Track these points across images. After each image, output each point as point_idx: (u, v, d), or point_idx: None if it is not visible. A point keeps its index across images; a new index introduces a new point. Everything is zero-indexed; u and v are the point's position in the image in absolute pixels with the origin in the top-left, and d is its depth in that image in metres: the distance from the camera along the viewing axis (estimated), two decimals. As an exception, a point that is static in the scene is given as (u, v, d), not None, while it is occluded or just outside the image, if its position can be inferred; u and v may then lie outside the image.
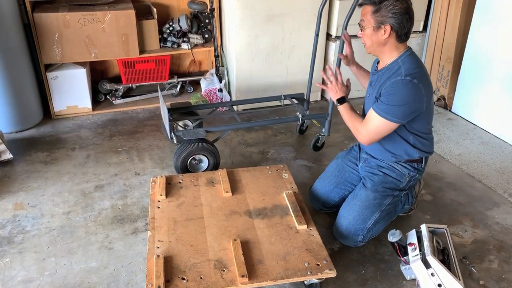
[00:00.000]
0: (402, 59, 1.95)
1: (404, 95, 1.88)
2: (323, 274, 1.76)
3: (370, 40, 1.95)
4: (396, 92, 1.88)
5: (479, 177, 2.73)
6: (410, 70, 1.90)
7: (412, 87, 1.87)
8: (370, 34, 1.93)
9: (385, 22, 1.88)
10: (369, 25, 1.91)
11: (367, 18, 1.92)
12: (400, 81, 1.88)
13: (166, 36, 3.61)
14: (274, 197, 2.18)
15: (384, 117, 1.92)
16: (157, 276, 1.67)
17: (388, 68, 1.98)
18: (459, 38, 3.45)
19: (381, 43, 1.94)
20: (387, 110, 1.91)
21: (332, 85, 2.15)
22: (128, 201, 2.47)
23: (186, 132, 2.56)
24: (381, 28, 1.89)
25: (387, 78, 1.95)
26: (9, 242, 2.16)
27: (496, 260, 2.11)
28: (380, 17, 1.88)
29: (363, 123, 2.02)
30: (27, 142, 3.07)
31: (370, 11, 1.89)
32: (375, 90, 2.03)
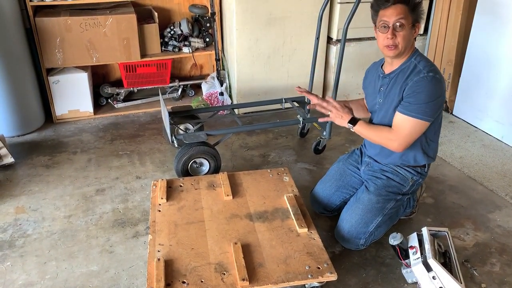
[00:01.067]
0: (416, 57, 1.94)
1: (431, 91, 1.86)
2: (324, 278, 1.75)
3: (407, 39, 1.88)
4: (423, 90, 1.85)
5: (480, 180, 2.73)
6: (429, 66, 1.89)
7: (437, 82, 1.86)
8: (408, 34, 1.87)
9: (419, 20, 1.88)
10: (408, 23, 1.86)
11: (406, 16, 1.84)
12: (424, 78, 1.86)
13: (167, 40, 3.62)
14: (275, 200, 2.17)
15: (417, 117, 1.88)
16: (158, 279, 1.67)
17: (402, 69, 1.96)
18: (460, 41, 3.45)
19: (411, 42, 1.92)
20: (418, 110, 1.87)
21: (333, 114, 2.08)
22: (129, 205, 2.47)
23: (187, 136, 2.57)
24: (415, 26, 1.89)
25: (405, 78, 1.92)
26: (10, 246, 2.17)
27: (498, 263, 2.10)
28: (416, 15, 1.87)
29: (393, 131, 1.95)
30: (29, 146, 3.08)
31: (407, 10, 1.84)
32: (388, 94, 2.00)
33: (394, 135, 1.95)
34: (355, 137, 3.18)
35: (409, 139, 1.94)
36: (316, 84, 3.56)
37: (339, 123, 2.07)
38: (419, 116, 1.88)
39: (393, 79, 1.99)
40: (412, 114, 1.89)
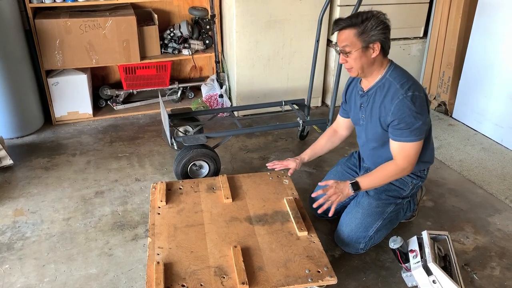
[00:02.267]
0: (390, 73, 1.92)
1: (416, 111, 1.84)
2: (324, 281, 1.75)
3: (360, 63, 1.88)
4: (408, 113, 1.84)
5: (480, 183, 2.72)
6: (405, 84, 1.87)
7: (417, 100, 1.85)
8: (359, 56, 1.86)
9: (374, 40, 1.83)
10: (355, 48, 1.85)
11: (351, 41, 1.84)
12: (404, 99, 1.84)
13: (167, 42, 3.62)
14: (274, 203, 2.17)
15: (413, 141, 1.88)
16: (157, 283, 1.66)
17: (378, 87, 1.95)
18: (459, 44, 3.46)
19: (370, 62, 1.89)
20: (412, 134, 1.87)
21: (335, 197, 1.97)
22: (128, 207, 2.47)
23: (187, 138, 2.56)
24: (370, 48, 1.85)
25: (383, 97, 1.92)
26: (9, 249, 2.16)
27: (498, 267, 2.10)
28: (368, 37, 1.83)
29: (398, 162, 1.92)
30: (28, 148, 3.07)
31: (354, 33, 1.83)
32: (370, 111, 2.00)
33: (401, 165, 1.93)
34: (354, 140, 3.15)
35: (414, 160, 1.94)
36: (315, 87, 3.56)
37: (341, 199, 1.97)
38: (415, 138, 1.88)
39: (372, 97, 1.98)
40: (408, 139, 1.88)
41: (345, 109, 2.25)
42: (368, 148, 2.13)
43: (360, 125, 2.11)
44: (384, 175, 1.96)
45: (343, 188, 1.96)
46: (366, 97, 2.01)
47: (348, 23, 1.85)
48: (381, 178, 1.97)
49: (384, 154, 2.04)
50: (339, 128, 2.33)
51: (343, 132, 2.32)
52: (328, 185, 2.01)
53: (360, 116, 2.08)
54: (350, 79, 2.20)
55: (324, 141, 2.35)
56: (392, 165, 1.94)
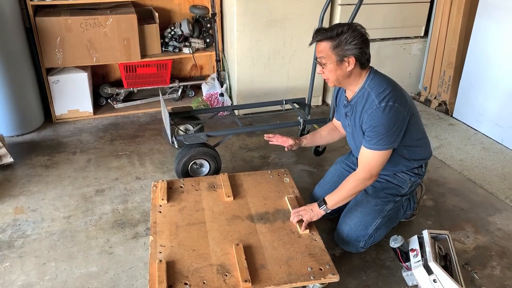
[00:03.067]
0: (368, 83, 1.92)
1: (387, 121, 1.84)
2: (326, 279, 1.76)
3: (335, 75, 1.89)
4: (379, 122, 1.85)
5: (480, 183, 2.72)
6: (381, 94, 1.86)
7: (390, 111, 1.84)
8: (334, 69, 1.87)
9: (348, 54, 1.83)
10: (330, 61, 1.85)
11: (327, 54, 1.85)
12: (376, 109, 1.85)
13: (167, 40, 3.62)
14: (276, 202, 2.17)
15: (380, 149, 1.89)
16: (160, 281, 1.66)
17: (358, 97, 1.96)
18: (460, 43, 3.46)
19: (346, 75, 1.89)
20: (380, 143, 1.88)
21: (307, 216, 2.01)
22: (129, 206, 2.47)
23: (188, 137, 2.56)
24: (345, 61, 1.85)
25: (362, 107, 1.93)
26: (9, 246, 2.16)
27: (498, 266, 2.10)
28: (342, 51, 1.83)
29: (358, 171, 1.95)
30: (28, 146, 3.07)
31: (329, 46, 1.84)
32: (354, 120, 2.01)
33: (360, 176, 1.94)
34: (355, 139, 3.18)
35: (375, 170, 1.94)
36: (316, 86, 3.56)
37: (316, 216, 2.01)
38: (383, 147, 1.89)
39: (354, 107, 1.99)
40: (375, 147, 1.89)
41: (338, 112, 2.28)
42: (357, 153, 2.14)
43: (348, 132, 2.15)
44: (346, 190, 1.97)
45: (312, 206, 2.02)
46: (350, 107, 2.02)
47: (324, 36, 1.85)
48: (344, 193, 1.98)
49: None
50: (338, 126, 2.34)
51: (342, 130, 2.32)
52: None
53: (347, 124, 2.11)
54: (337, 87, 2.21)
55: (325, 133, 2.36)
56: (352, 179, 1.96)
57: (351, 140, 2.16)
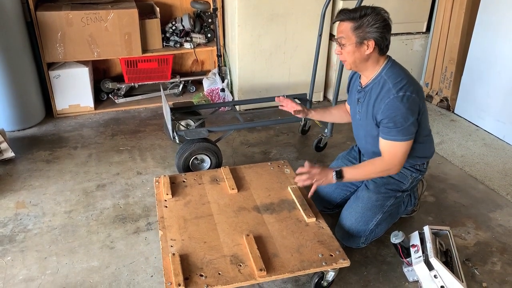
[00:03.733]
0: (385, 71, 1.91)
1: (405, 111, 1.83)
2: (338, 264, 1.78)
3: (352, 57, 1.88)
4: (398, 113, 1.83)
5: (482, 179, 2.72)
6: (398, 83, 1.85)
7: (408, 100, 1.83)
8: (352, 51, 1.86)
9: (369, 37, 1.82)
10: (350, 42, 1.84)
11: (347, 35, 1.84)
12: (394, 98, 1.83)
13: (168, 35, 3.61)
14: (279, 192, 2.19)
15: (402, 140, 1.87)
16: (176, 274, 1.67)
17: (374, 83, 1.94)
18: (462, 39, 3.44)
19: (364, 58, 1.88)
20: (400, 133, 1.86)
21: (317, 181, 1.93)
22: (130, 200, 2.47)
23: (189, 132, 2.56)
24: (364, 44, 1.84)
25: (377, 94, 1.91)
26: (10, 241, 2.16)
27: (499, 262, 2.10)
28: (363, 33, 1.82)
29: (385, 159, 1.91)
30: (29, 141, 3.07)
31: (350, 27, 1.83)
32: (366, 107, 1.99)
33: (387, 163, 1.92)
34: (356, 135, 3.17)
35: (402, 160, 1.93)
36: (317, 82, 3.55)
37: (327, 183, 1.96)
38: (404, 138, 1.87)
39: (368, 94, 1.98)
40: (396, 139, 1.88)
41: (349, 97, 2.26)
42: (365, 143, 2.13)
43: (356, 119, 2.12)
44: (370, 170, 1.96)
45: (328, 173, 1.94)
46: (363, 93, 2.00)
47: (346, 16, 1.84)
48: (366, 172, 1.97)
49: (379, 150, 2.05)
50: (349, 111, 2.32)
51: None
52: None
53: (357, 111, 2.08)
54: (352, 72, 2.20)
55: (335, 111, 2.36)
56: (380, 161, 1.94)
57: (358, 130, 2.13)
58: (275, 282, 1.94)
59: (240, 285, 1.70)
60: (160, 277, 1.95)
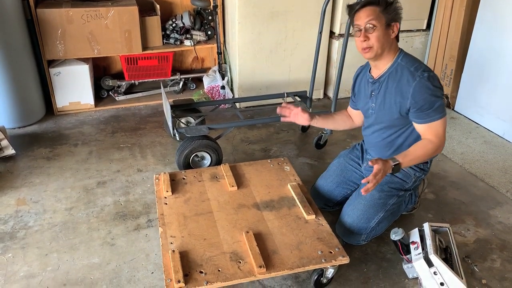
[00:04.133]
0: (401, 58, 1.92)
1: (434, 89, 1.84)
2: (337, 261, 1.79)
3: (381, 41, 1.85)
4: (428, 92, 1.84)
5: (482, 176, 2.73)
6: (418, 67, 1.88)
7: (433, 78, 1.85)
8: (382, 35, 1.84)
9: (396, 20, 1.84)
10: (380, 24, 1.83)
11: (377, 17, 1.82)
12: (421, 80, 1.84)
13: (169, 32, 3.61)
14: (279, 190, 2.19)
15: (440, 118, 1.87)
16: (175, 270, 1.68)
17: (390, 73, 1.94)
18: (462, 37, 3.44)
19: (389, 43, 1.88)
20: (436, 112, 1.85)
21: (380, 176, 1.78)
22: (130, 198, 2.47)
23: (189, 129, 2.56)
24: (391, 27, 1.85)
25: (398, 80, 1.91)
26: (11, 238, 2.17)
27: (499, 259, 2.11)
28: (391, 15, 1.83)
29: (432, 141, 1.88)
30: (30, 138, 3.07)
31: (379, 10, 1.83)
32: (383, 97, 1.98)
33: (435, 144, 1.88)
34: (356, 132, 3.18)
35: (444, 137, 1.92)
36: (317, 79, 3.55)
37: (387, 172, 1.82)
38: (440, 115, 1.87)
39: (383, 83, 1.97)
40: (435, 118, 1.87)
41: (354, 101, 2.25)
42: (377, 138, 2.12)
43: (369, 114, 2.10)
44: (423, 153, 1.88)
45: (387, 169, 1.80)
46: (378, 84, 2.00)
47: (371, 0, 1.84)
48: (420, 159, 1.90)
49: (397, 142, 2.05)
50: (352, 115, 2.33)
51: (356, 119, 2.31)
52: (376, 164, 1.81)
53: (370, 105, 2.07)
54: (358, 70, 2.19)
55: (338, 117, 2.33)
56: (429, 142, 1.89)
57: (372, 123, 2.10)
58: (275, 279, 1.95)
59: (240, 282, 1.71)
60: (160, 274, 1.96)
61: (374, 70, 2.02)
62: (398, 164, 1.83)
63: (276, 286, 1.93)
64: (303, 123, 2.20)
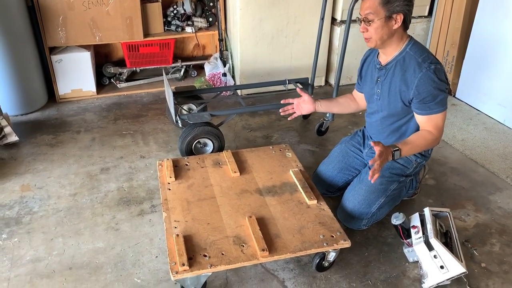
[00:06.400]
0: (410, 47, 1.92)
1: (440, 83, 1.86)
2: (339, 245, 1.82)
3: (380, 33, 1.86)
4: (432, 85, 1.85)
5: (482, 162, 2.75)
6: (426, 58, 1.88)
7: (439, 71, 1.86)
8: (381, 26, 1.85)
9: (398, 11, 1.83)
10: (379, 17, 1.83)
11: (375, 10, 1.83)
12: (427, 72, 1.85)
13: (170, 19, 3.60)
14: (281, 175, 2.21)
15: (441, 111, 1.89)
16: (180, 254, 1.70)
17: (397, 61, 1.95)
18: (464, 23, 3.43)
19: (391, 34, 1.88)
20: (438, 105, 1.88)
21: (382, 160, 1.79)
22: (134, 184, 2.50)
23: (192, 116, 2.57)
24: (392, 18, 1.84)
25: (405, 70, 1.92)
26: (17, 223, 2.19)
27: (498, 243, 2.14)
28: (392, 6, 1.82)
29: (432, 132, 1.91)
30: (32, 125, 3.09)
31: (379, 2, 1.82)
32: (389, 85, 1.99)
33: (434, 135, 1.91)
34: (357, 119, 3.19)
35: (442, 129, 1.95)
36: (319, 66, 3.55)
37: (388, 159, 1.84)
38: (441, 109, 1.90)
39: (390, 71, 1.98)
40: (436, 111, 1.89)
41: (360, 84, 2.26)
42: (381, 125, 2.13)
43: (374, 100, 2.11)
44: (422, 143, 1.91)
45: (388, 156, 1.82)
46: (384, 71, 2.00)
47: None
48: (419, 148, 1.94)
49: (400, 129, 2.07)
50: (357, 98, 2.34)
51: (361, 102, 2.31)
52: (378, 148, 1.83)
53: (375, 91, 2.08)
54: (367, 53, 2.19)
55: (342, 100, 2.35)
56: (428, 133, 1.92)
57: (376, 109, 2.11)
58: (278, 263, 1.98)
59: (243, 265, 1.74)
60: (164, 258, 1.99)
61: (381, 56, 2.03)
62: (398, 150, 1.85)
63: (279, 269, 1.96)
64: (308, 111, 2.22)
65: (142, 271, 1.93)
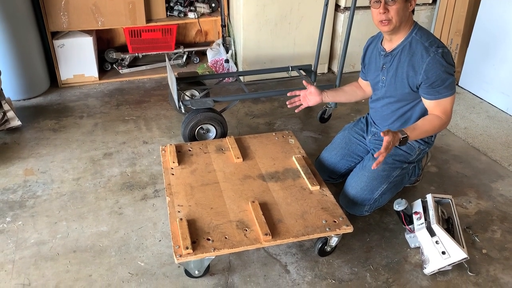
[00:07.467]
0: (416, 32, 1.91)
1: (448, 67, 1.86)
2: (341, 230, 1.83)
3: (400, 15, 1.83)
4: (441, 69, 1.85)
5: (484, 151, 2.75)
6: (433, 42, 1.87)
7: (447, 55, 1.86)
8: (402, 7, 1.82)
9: None
10: None
11: None
12: (435, 56, 1.84)
13: (172, 4, 3.58)
14: (284, 161, 2.22)
15: (450, 95, 1.89)
16: (183, 237, 1.72)
17: (404, 46, 1.93)
18: (469, 11, 3.41)
19: (406, 16, 1.87)
20: (447, 89, 1.87)
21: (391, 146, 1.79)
22: (136, 169, 2.50)
23: (194, 102, 2.57)
24: (409, 0, 1.85)
25: (411, 56, 1.91)
26: (21, 206, 2.20)
27: (499, 230, 2.15)
28: None
29: (440, 117, 1.90)
30: (35, 110, 3.09)
31: None
32: (395, 70, 1.98)
33: (442, 120, 1.91)
34: (360, 106, 3.18)
35: (451, 114, 1.94)
36: (322, 53, 3.54)
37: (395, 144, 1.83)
38: (450, 93, 1.89)
39: (396, 57, 1.97)
40: (445, 95, 1.89)
41: (364, 72, 2.25)
42: (386, 110, 2.13)
43: (379, 87, 2.11)
44: (430, 128, 1.91)
45: (396, 141, 1.81)
46: (390, 57, 1.99)
47: None
48: (427, 133, 1.93)
49: (406, 115, 2.06)
50: (363, 86, 2.33)
51: (367, 90, 2.31)
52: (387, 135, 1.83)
53: (381, 78, 2.07)
54: (369, 40, 2.18)
55: (348, 88, 2.34)
56: (436, 118, 1.91)
57: (381, 96, 2.11)
58: (280, 247, 1.99)
59: (246, 249, 1.75)
60: (168, 242, 2.00)
61: (386, 43, 2.01)
62: (406, 137, 1.84)
63: (281, 254, 1.97)
64: (315, 102, 2.22)
65: (145, 255, 1.95)
